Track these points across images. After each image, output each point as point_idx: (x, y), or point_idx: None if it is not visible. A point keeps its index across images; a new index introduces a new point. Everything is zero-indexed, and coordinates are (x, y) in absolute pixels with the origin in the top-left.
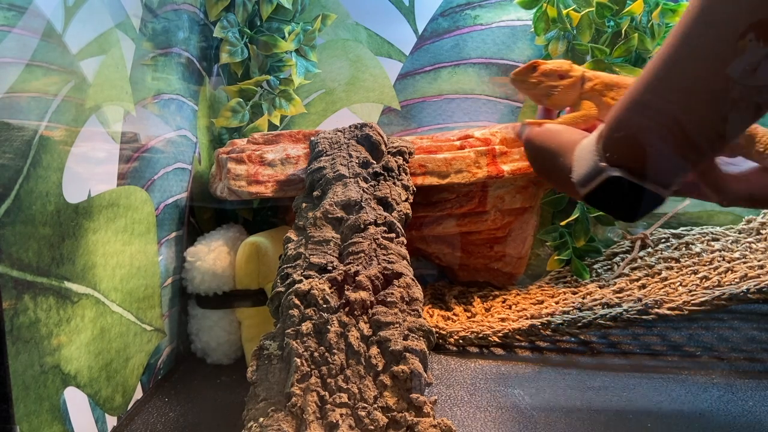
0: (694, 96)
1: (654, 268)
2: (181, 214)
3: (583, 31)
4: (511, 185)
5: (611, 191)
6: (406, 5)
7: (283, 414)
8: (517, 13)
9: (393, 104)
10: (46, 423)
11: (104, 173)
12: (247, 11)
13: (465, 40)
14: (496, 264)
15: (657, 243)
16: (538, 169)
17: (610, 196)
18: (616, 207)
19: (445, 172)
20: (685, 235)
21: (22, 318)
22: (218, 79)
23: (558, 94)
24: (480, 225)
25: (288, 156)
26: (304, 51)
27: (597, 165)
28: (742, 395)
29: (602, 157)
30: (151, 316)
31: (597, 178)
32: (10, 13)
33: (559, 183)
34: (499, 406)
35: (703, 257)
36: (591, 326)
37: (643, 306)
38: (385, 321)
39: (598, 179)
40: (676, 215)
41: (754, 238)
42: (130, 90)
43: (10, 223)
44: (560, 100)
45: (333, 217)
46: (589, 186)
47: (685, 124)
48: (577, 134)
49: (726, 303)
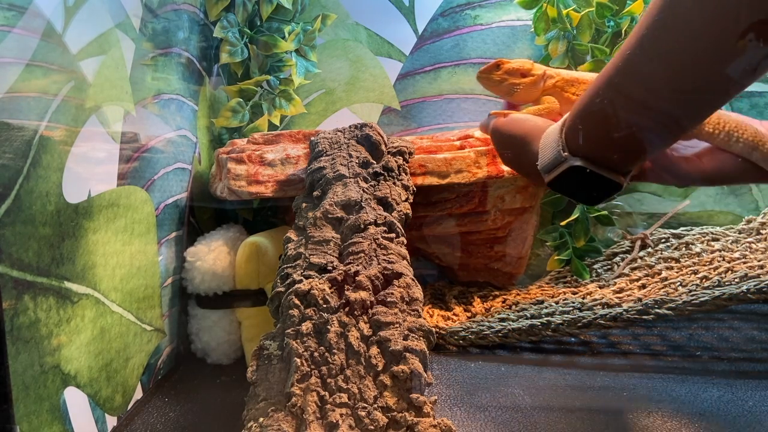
0: (656, 90)
1: (654, 268)
2: (181, 214)
3: (583, 31)
4: (511, 185)
5: (573, 179)
6: (406, 5)
7: (283, 414)
8: (517, 13)
9: (393, 104)
10: (46, 423)
11: (104, 173)
12: (247, 11)
13: (465, 40)
14: (496, 264)
15: (657, 243)
16: (504, 157)
17: (572, 183)
18: (577, 193)
19: (445, 172)
20: (685, 235)
21: (22, 318)
22: (218, 79)
23: (521, 90)
24: (480, 225)
25: (288, 156)
26: (304, 51)
27: (560, 154)
28: (742, 395)
29: (565, 147)
30: (151, 316)
31: (560, 166)
32: (10, 13)
33: (524, 169)
34: (499, 406)
35: (703, 257)
36: (591, 326)
37: (643, 306)
38: (385, 321)
39: (561, 168)
40: (676, 215)
41: (754, 238)
42: (130, 90)
43: (10, 223)
44: (523, 96)
45: (333, 217)
46: (553, 174)
47: (647, 116)
48: (542, 122)
49: (726, 303)
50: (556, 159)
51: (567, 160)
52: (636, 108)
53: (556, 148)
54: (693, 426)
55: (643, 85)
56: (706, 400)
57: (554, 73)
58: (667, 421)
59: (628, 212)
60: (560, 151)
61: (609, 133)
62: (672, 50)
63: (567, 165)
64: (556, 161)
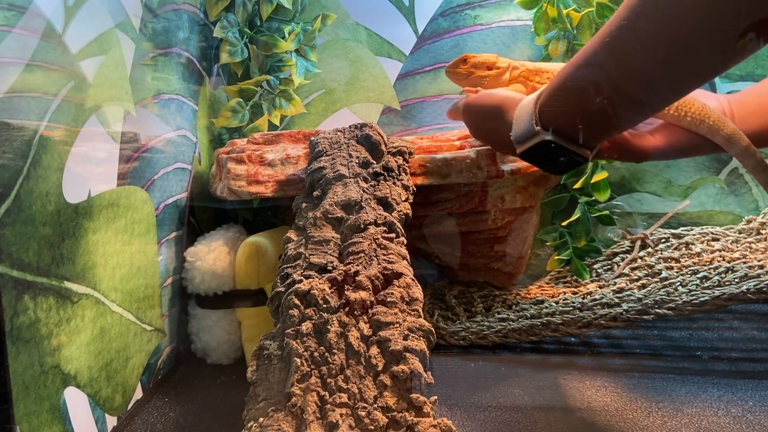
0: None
1: (654, 268)
2: (181, 214)
3: (583, 31)
4: (511, 185)
5: (543, 151)
6: (406, 5)
7: (283, 414)
8: (517, 13)
9: (393, 104)
10: (46, 423)
11: (104, 173)
12: (247, 11)
13: (465, 40)
14: (496, 264)
15: (657, 243)
16: (477, 129)
17: (541, 155)
18: (546, 164)
19: (445, 172)
20: (685, 235)
21: (22, 318)
22: (218, 79)
23: (487, 83)
24: (480, 225)
25: (288, 156)
26: (304, 51)
27: (533, 128)
28: (742, 395)
29: (538, 121)
30: (151, 316)
31: (532, 139)
32: (10, 13)
33: (497, 139)
34: (499, 406)
35: (703, 257)
36: (591, 326)
37: (643, 306)
38: (385, 321)
39: (533, 141)
40: (676, 215)
41: (754, 238)
42: (130, 90)
43: (10, 223)
44: (490, 87)
45: (333, 217)
46: (525, 145)
47: (620, 96)
48: (514, 94)
49: (726, 303)
50: (528, 132)
51: (539, 134)
52: (610, 88)
53: (530, 121)
54: (693, 426)
55: (620, 67)
56: (706, 400)
57: (519, 65)
58: (667, 421)
59: (628, 212)
60: (533, 125)
61: (581, 110)
62: (650, 33)
63: (539, 139)
64: (528, 134)
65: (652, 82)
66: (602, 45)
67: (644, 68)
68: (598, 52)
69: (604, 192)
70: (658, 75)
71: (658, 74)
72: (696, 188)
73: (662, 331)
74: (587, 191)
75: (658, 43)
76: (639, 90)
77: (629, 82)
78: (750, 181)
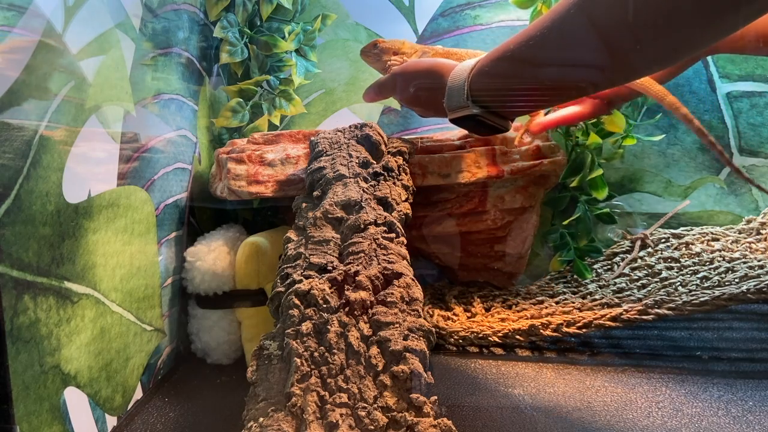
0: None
1: (654, 268)
2: (181, 214)
3: None
4: (511, 185)
5: (471, 120)
6: (406, 5)
7: (283, 414)
8: (517, 13)
9: (393, 104)
10: (46, 423)
11: (104, 173)
12: (247, 11)
13: (465, 40)
14: (496, 264)
15: (657, 243)
16: (408, 95)
17: (469, 123)
18: (472, 129)
19: (445, 172)
20: (685, 235)
21: (22, 318)
22: (218, 79)
23: (393, 66)
24: (480, 225)
25: (288, 156)
26: (304, 51)
27: (464, 101)
28: (742, 395)
29: (468, 95)
30: (151, 316)
31: (462, 110)
32: (10, 13)
33: (430, 103)
34: (499, 406)
35: (703, 257)
36: (591, 326)
37: (643, 306)
38: (385, 321)
39: (463, 112)
40: (676, 215)
41: (754, 238)
42: (130, 90)
43: (10, 223)
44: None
45: (333, 217)
46: (455, 114)
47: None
48: (441, 60)
49: (726, 303)
50: (460, 104)
51: (469, 107)
52: (542, 70)
53: (462, 93)
54: (693, 426)
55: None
56: (706, 400)
57: (429, 49)
58: (667, 421)
59: (628, 212)
60: (464, 98)
61: (508, 88)
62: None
63: (468, 111)
64: (459, 105)
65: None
66: (534, 26)
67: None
68: (533, 34)
69: (601, 189)
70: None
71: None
72: (696, 188)
73: (662, 331)
74: (585, 190)
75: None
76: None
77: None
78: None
